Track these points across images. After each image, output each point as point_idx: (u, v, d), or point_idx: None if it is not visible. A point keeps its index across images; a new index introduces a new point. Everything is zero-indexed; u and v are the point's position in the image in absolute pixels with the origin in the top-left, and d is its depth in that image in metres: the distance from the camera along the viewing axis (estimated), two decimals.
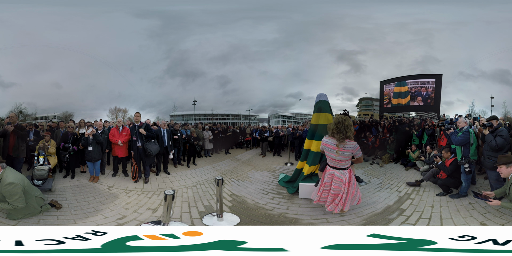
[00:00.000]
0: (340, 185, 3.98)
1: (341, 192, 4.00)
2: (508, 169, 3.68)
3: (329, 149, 3.86)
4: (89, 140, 5.94)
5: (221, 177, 4.50)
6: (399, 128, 8.87)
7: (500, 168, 3.77)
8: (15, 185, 3.83)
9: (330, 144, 3.83)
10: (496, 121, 4.94)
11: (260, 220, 4.44)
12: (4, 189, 3.82)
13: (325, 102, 5.42)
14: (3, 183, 3.83)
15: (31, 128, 6.65)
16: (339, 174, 3.97)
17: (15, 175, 3.98)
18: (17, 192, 3.84)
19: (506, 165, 3.68)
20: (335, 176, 4.00)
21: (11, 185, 3.81)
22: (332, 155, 3.87)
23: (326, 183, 4.09)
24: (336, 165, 3.95)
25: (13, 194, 3.82)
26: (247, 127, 13.34)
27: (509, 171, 3.69)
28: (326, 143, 3.89)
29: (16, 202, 3.84)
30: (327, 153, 3.96)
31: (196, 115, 15.49)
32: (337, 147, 3.76)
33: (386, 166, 8.00)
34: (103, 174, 6.56)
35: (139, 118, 6.23)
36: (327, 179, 4.07)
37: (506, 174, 3.72)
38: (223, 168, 8.01)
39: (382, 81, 14.73)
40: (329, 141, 3.84)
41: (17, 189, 3.85)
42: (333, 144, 3.79)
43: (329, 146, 3.84)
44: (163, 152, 6.82)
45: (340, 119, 3.73)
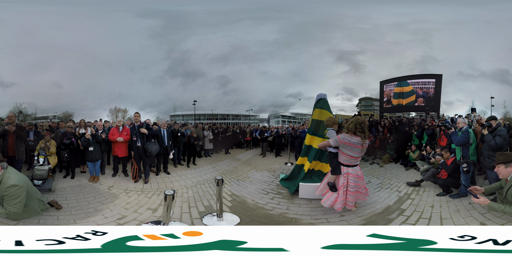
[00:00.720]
0: (358, 181, 4.20)
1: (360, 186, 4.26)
2: (508, 169, 3.32)
3: (352, 147, 3.98)
4: (90, 140, 5.94)
5: (221, 177, 4.50)
6: (399, 128, 8.87)
7: (498, 168, 3.41)
8: (19, 188, 3.55)
9: (353, 143, 3.95)
10: (495, 121, 4.94)
11: (260, 220, 4.44)
12: (6, 192, 3.51)
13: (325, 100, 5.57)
14: (4, 185, 3.52)
15: (31, 128, 6.65)
16: (353, 170, 4.16)
17: (19, 176, 3.72)
18: (19, 196, 3.55)
19: (505, 164, 3.32)
20: (350, 174, 4.14)
21: (14, 187, 3.52)
22: (354, 153, 4.02)
23: (344, 184, 4.17)
24: (352, 163, 4.12)
25: (15, 197, 3.52)
26: (247, 127, 13.35)
27: (508, 172, 3.32)
28: (349, 141, 3.95)
29: (13, 207, 3.54)
30: (346, 151, 4.03)
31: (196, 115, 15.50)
32: (361, 145, 3.96)
33: (386, 166, 8.00)
34: (103, 174, 6.56)
35: (139, 118, 6.23)
36: (344, 180, 4.16)
37: (505, 174, 3.36)
38: (223, 168, 8.01)
39: (382, 81, 14.74)
40: (352, 139, 3.94)
41: (20, 192, 3.56)
42: (356, 143, 3.94)
43: (352, 145, 3.96)
44: (163, 152, 6.82)
45: (362, 120, 4.01)
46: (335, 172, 4.23)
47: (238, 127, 13.07)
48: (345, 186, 4.18)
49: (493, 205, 3.18)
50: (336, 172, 4.21)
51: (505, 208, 3.15)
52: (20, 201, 3.59)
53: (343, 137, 3.98)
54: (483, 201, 3.15)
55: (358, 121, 3.98)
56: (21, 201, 3.60)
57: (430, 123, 8.39)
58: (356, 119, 4.02)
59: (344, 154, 4.08)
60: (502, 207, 3.16)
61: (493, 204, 3.18)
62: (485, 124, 4.84)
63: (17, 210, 3.57)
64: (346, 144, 3.97)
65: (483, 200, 3.14)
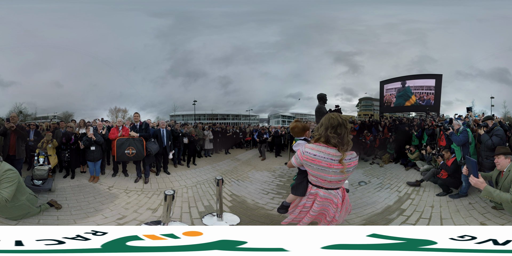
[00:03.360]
0: (329, 206, 2.64)
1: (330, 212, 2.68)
2: (506, 160, 3.61)
3: (321, 167, 2.40)
4: (91, 139, 5.94)
5: (221, 177, 4.50)
6: (399, 127, 8.87)
7: (498, 159, 3.66)
8: (14, 172, 3.75)
9: (321, 159, 2.38)
10: (491, 121, 4.96)
11: (260, 220, 4.44)
12: (4, 175, 3.69)
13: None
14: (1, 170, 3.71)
15: (32, 128, 6.66)
16: (327, 194, 2.58)
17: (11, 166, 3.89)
18: (13, 180, 3.72)
19: (505, 155, 3.62)
20: (318, 196, 2.61)
21: (11, 171, 3.72)
22: (326, 176, 2.44)
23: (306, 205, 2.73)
24: (325, 186, 2.55)
25: (10, 181, 3.69)
26: (247, 127, 13.37)
27: (506, 162, 3.61)
28: (313, 157, 2.39)
29: (5, 191, 3.63)
30: (313, 172, 2.49)
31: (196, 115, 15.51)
32: (340, 163, 2.36)
33: (386, 166, 8.00)
34: (103, 174, 6.56)
35: (139, 118, 6.25)
36: (308, 201, 2.71)
37: (504, 165, 3.62)
38: (223, 168, 8.01)
39: (382, 81, 14.76)
40: (320, 153, 2.38)
41: (15, 177, 3.75)
42: (328, 158, 2.36)
43: (319, 162, 2.39)
44: (163, 152, 6.82)
45: (340, 120, 2.38)
46: (295, 191, 2.81)
47: (238, 127, 13.08)
48: (307, 208, 2.74)
49: (489, 188, 3.08)
50: (297, 192, 2.78)
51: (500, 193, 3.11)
52: (13, 186, 3.71)
53: (304, 151, 2.45)
54: (481, 183, 3.03)
55: (333, 123, 2.36)
56: (13, 187, 3.71)
57: (430, 123, 8.40)
58: (329, 119, 2.40)
59: (312, 175, 2.56)
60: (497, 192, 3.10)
61: (489, 188, 3.08)
62: (481, 124, 4.86)
63: (8, 195, 3.64)
64: (310, 161, 2.42)
65: (482, 181, 3.04)
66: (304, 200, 2.75)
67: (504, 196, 3.11)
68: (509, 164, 3.60)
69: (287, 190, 5.69)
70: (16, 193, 3.81)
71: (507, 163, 3.60)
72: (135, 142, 5.98)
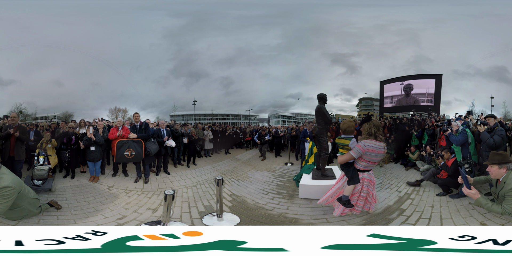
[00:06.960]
0: (369, 186, 3.98)
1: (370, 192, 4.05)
2: (501, 170, 3.21)
3: (376, 154, 3.62)
4: (91, 139, 5.94)
5: (221, 177, 4.50)
6: (399, 127, 8.87)
7: (491, 168, 3.27)
8: (11, 189, 3.58)
9: (376, 149, 3.59)
10: (494, 119, 4.90)
11: (260, 220, 4.44)
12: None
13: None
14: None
15: (31, 128, 6.65)
16: (368, 175, 3.91)
17: (12, 177, 3.75)
18: (9, 197, 3.57)
19: (499, 165, 3.20)
20: (365, 179, 3.90)
21: (7, 188, 3.55)
22: (377, 159, 3.70)
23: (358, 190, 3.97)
24: (368, 168, 3.83)
25: (5, 198, 3.54)
26: (247, 127, 13.38)
27: (501, 173, 3.22)
28: (372, 148, 3.57)
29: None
30: (369, 158, 3.65)
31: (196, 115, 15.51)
32: (383, 150, 3.66)
33: (386, 166, 8.00)
34: (103, 174, 6.56)
35: (139, 118, 6.24)
36: (358, 186, 3.94)
37: (497, 175, 3.25)
38: (223, 168, 8.01)
39: (382, 81, 14.78)
40: (375, 145, 3.59)
41: (12, 194, 3.59)
42: (380, 149, 3.61)
43: (374, 151, 3.60)
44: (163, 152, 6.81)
45: (379, 124, 3.72)
46: (353, 181, 3.80)
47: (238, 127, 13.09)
48: (359, 192, 3.98)
49: (482, 200, 3.08)
50: (355, 181, 3.79)
51: (492, 206, 3.08)
52: (8, 202, 3.60)
53: (365, 145, 3.58)
54: (473, 194, 3.06)
55: (377, 124, 3.66)
56: (8, 202, 3.61)
57: (431, 123, 8.39)
58: (375, 122, 3.67)
59: (365, 160, 3.70)
60: (489, 204, 3.08)
61: (481, 199, 3.08)
62: (482, 121, 4.83)
63: (1, 210, 3.58)
64: (370, 151, 3.59)
65: (474, 193, 3.06)
66: (358, 186, 3.90)
67: (495, 209, 3.06)
68: (505, 175, 3.21)
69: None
70: (15, 200, 3.74)
71: (501, 173, 3.22)
72: (134, 144, 5.98)
